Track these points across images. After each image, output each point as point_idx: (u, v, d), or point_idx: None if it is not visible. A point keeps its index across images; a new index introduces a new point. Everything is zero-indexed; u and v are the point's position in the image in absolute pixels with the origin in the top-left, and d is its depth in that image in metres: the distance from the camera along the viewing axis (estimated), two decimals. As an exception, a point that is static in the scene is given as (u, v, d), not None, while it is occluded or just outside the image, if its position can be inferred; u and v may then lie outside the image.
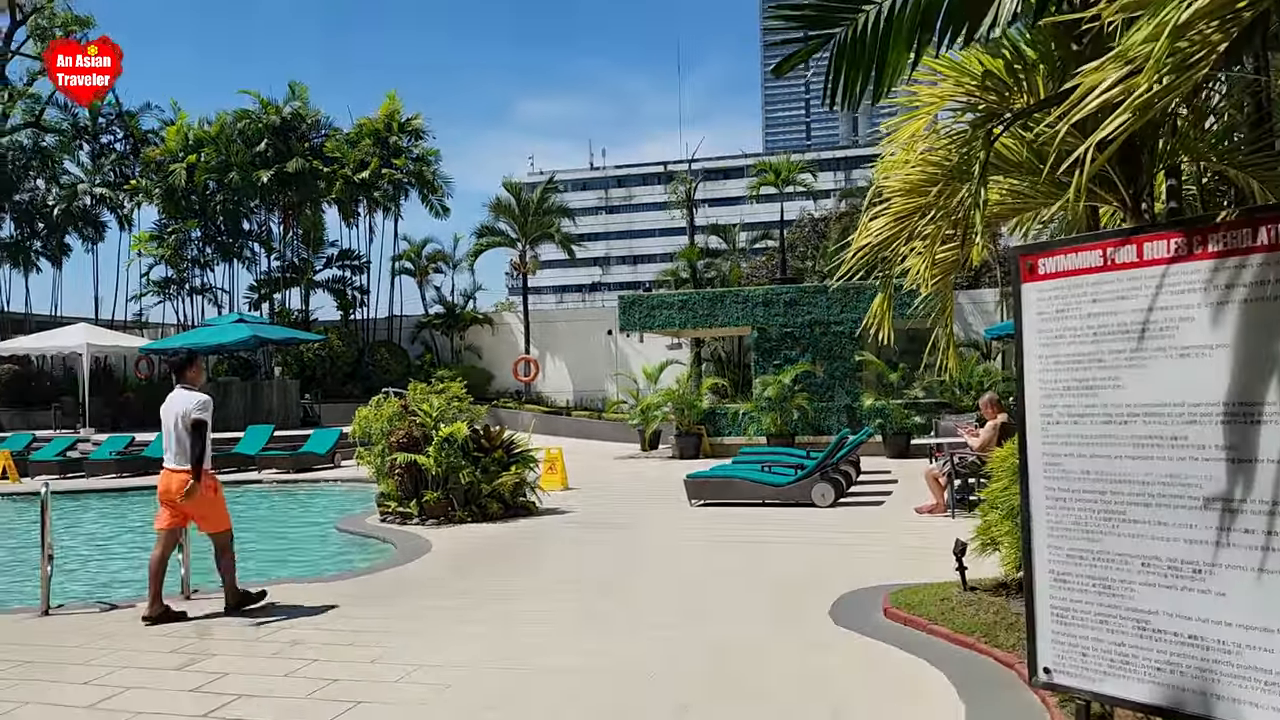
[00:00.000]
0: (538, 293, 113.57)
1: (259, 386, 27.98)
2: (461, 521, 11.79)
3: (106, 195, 34.79)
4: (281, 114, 31.53)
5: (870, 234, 4.93)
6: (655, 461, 20.27)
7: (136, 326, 35.39)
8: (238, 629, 6.76)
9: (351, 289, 33.24)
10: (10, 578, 10.08)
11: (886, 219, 4.90)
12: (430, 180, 32.46)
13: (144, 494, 17.43)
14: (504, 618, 6.95)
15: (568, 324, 32.65)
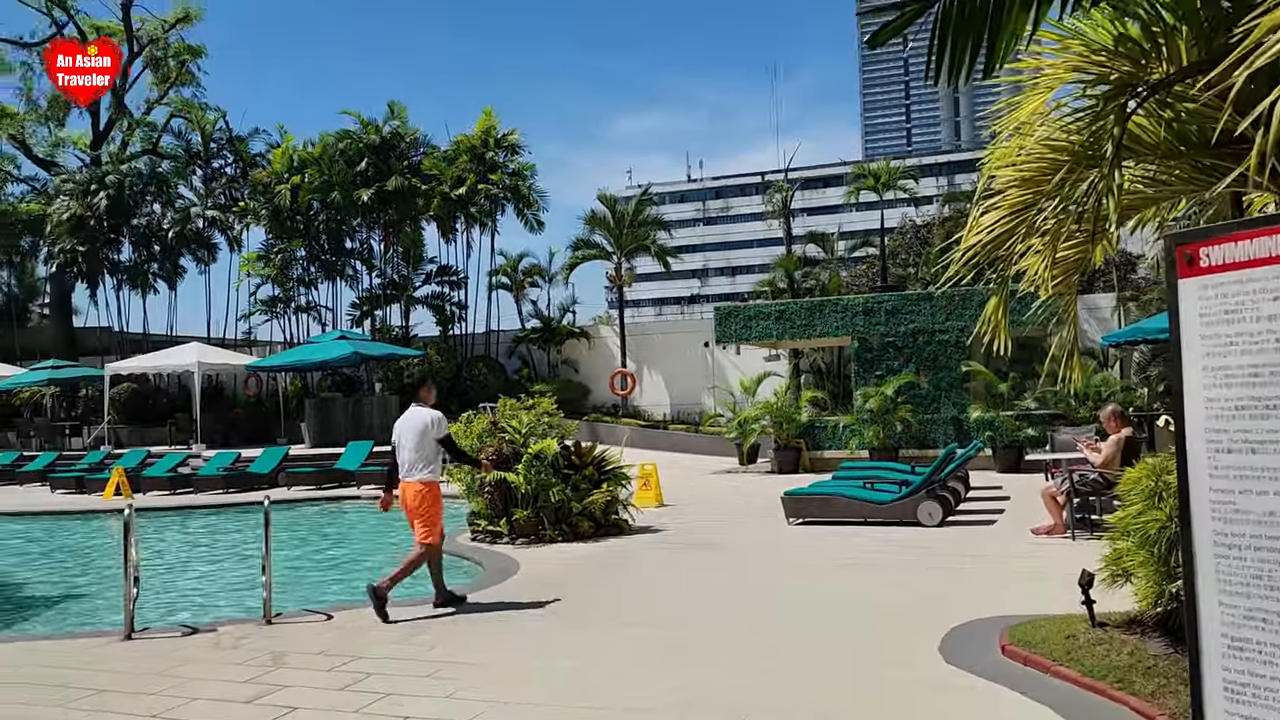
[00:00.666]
0: (636, 306, 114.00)
1: (361, 402, 28.38)
2: (552, 541, 11.48)
3: (218, 218, 35.96)
4: (381, 133, 32.09)
5: (981, 231, 4.37)
6: (753, 476, 19.69)
7: (245, 345, 36.46)
8: (312, 658, 6.53)
9: (450, 305, 33.56)
10: (108, 598, 10.14)
11: (1000, 214, 4.34)
12: (526, 195, 32.56)
13: (246, 510, 17.71)
14: (587, 648, 6.56)
15: (664, 336, 32.29)
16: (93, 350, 38.24)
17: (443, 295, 33.66)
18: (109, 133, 38.61)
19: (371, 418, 27.48)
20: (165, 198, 36.53)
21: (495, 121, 33.01)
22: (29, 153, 39.02)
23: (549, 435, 12.36)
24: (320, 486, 20.59)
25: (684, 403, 30.18)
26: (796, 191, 44.88)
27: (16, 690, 5.92)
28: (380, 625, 7.35)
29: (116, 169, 35.66)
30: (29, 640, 7.40)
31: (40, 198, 37.83)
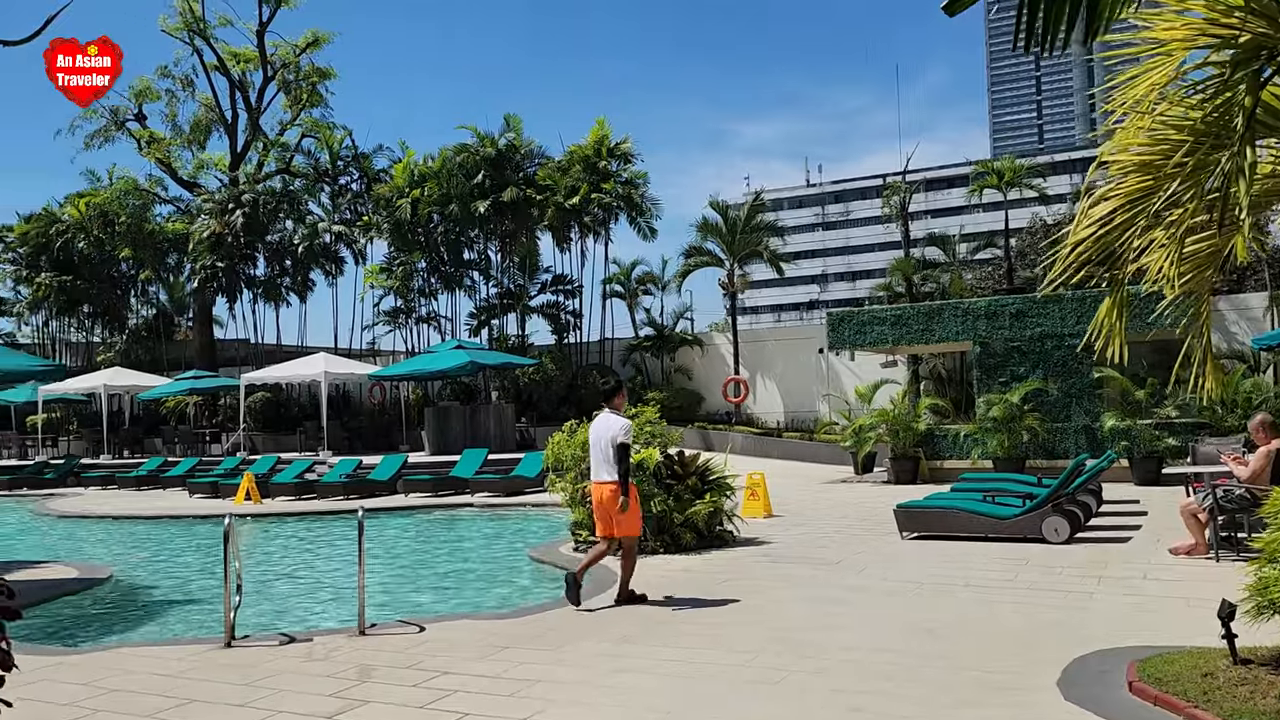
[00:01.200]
0: (754, 313, 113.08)
1: (477, 410, 28.80)
2: (654, 552, 11.24)
3: (344, 232, 37.20)
4: (497, 146, 32.59)
5: (1092, 224, 3.90)
6: (867, 486, 19.02)
7: (370, 355, 37.56)
8: (398, 672, 6.44)
9: (565, 313, 33.81)
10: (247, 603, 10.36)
11: (1115, 203, 3.86)
12: (638, 203, 32.53)
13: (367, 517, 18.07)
14: (677, 671, 6.27)
15: (777, 343, 31.71)
16: (231, 361, 40.11)
17: (558, 304, 33.94)
18: (245, 154, 40.42)
19: (488, 426, 27.86)
20: (296, 214, 38.01)
21: (608, 131, 33.13)
22: (174, 175, 41.21)
23: (651, 444, 12.13)
24: (436, 494, 20.91)
25: (798, 410, 29.56)
26: (920, 194, 43.60)
27: (110, 698, 6.02)
28: (466, 643, 7.23)
29: (252, 188, 37.31)
30: (134, 646, 7.57)
31: (184, 217, 39.88)
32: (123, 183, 39.52)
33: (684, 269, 31.97)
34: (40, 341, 45.00)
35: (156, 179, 41.40)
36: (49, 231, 39.90)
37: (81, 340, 44.57)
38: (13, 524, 19.95)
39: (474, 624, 7.90)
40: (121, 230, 38.92)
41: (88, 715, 5.68)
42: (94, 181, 40.83)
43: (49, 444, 36.87)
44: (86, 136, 39.59)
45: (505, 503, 19.04)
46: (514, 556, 12.56)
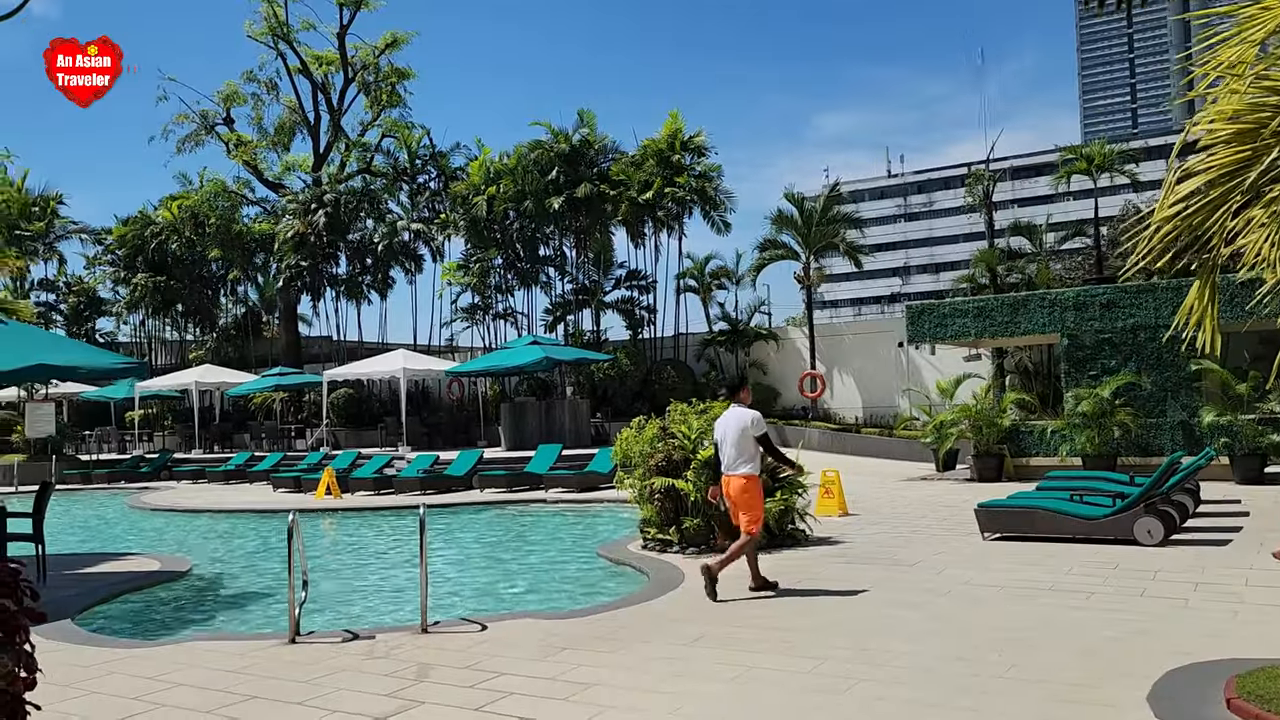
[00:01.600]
0: (833, 306, 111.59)
1: (552, 406, 28.88)
2: (723, 550, 10.99)
3: (422, 230, 37.71)
4: (571, 142, 32.62)
5: (1178, 201, 3.56)
6: (949, 484, 18.46)
7: (448, 351, 38.02)
8: (456, 672, 6.35)
9: (639, 308, 33.70)
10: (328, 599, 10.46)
11: (1206, 178, 3.51)
12: (712, 196, 32.24)
13: (440, 512, 18.22)
14: (739, 676, 6.05)
15: (855, 337, 31.11)
16: (315, 358, 41.05)
17: (632, 299, 33.84)
18: (328, 155, 41.27)
19: (563, 421, 27.91)
20: (376, 213, 38.67)
21: (681, 124, 32.87)
22: (260, 177, 42.30)
23: (721, 441, 11.89)
24: (511, 489, 20.98)
25: (876, 405, 28.93)
26: (1005, 182, 42.30)
27: (174, 693, 6.05)
28: (526, 643, 7.12)
29: (334, 188, 38.07)
30: (204, 640, 7.65)
31: (270, 218, 40.89)
32: (212, 185, 40.69)
33: (758, 262, 31.57)
34: (137, 340, 46.67)
35: (244, 181, 42.56)
36: (144, 234, 41.34)
37: (175, 339, 46.10)
38: (109, 516, 20.63)
39: (536, 623, 7.79)
40: (211, 231, 40.10)
41: (150, 710, 5.71)
42: (185, 185, 42.16)
43: (145, 439, 38.21)
44: (178, 141, 40.94)
45: (579, 498, 18.99)
46: (583, 554, 12.45)
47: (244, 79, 40.73)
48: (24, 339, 9.94)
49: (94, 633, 8.02)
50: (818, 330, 30.81)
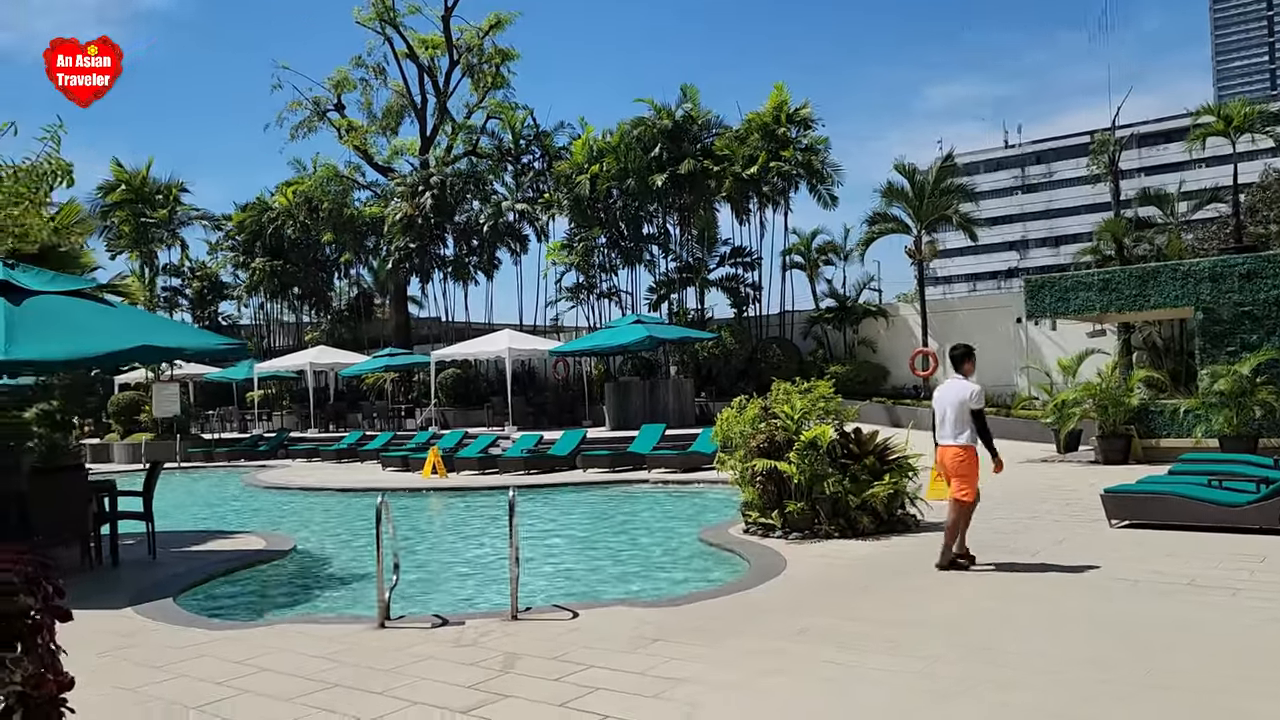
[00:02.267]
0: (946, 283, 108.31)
1: (656, 385, 28.64)
2: (827, 536, 10.54)
3: (526, 210, 37.84)
4: (674, 118, 32.13)
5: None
6: (1071, 466, 17.46)
7: (553, 331, 38.14)
8: (543, 663, 6.10)
9: (744, 286, 33.06)
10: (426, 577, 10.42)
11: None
12: (819, 170, 31.31)
13: (544, 492, 18.18)
14: (839, 676, 5.63)
15: (970, 313, 29.84)
16: (425, 339, 41.75)
17: (736, 277, 33.24)
18: (434, 137, 41.79)
19: (666, 401, 27.64)
20: (481, 195, 38.98)
21: (787, 96, 32.01)
22: (370, 161, 43.14)
23: (825, 421, 11.41)
24: (613, 469, 20.83)
25: (992, 384, 27.67)
26: (1131, 150, 39.98)
27: (259, 678, 5.97)
28: (617, 633, 6.83)
29: (440, 170, 38.52)
30: (296, 623, 7.62)
31: (379, 201, 41.68)
32: (324, 170, 41.67)
33: (867, 236, 30.54)
34: (257, 322, 48.37)
35: (355, 165, 43.46)
36: (261, 219, 42.68)
37: (292, 321, 47.57)
38: (226, 494, 21.34)
39: (630, 612, 7.51)
40: (324, 216, 41.11)
41: (234, 695, 5.64)
42: (300, 171, 43.30)
43: (264, 418, 39.57)
44: (292, 128, 42.00)
45: (681, 479, 18.69)
46: (683, 537, 12.13)
47: (353, 64, 41.51)
48: (132, 321, 10.14)
49: (194, 613, 8.09)
50: (930, 306, 29.69)
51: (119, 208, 40.90)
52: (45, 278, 10.18)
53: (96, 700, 5.63)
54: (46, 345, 8.91)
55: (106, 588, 9.09)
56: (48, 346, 8.92)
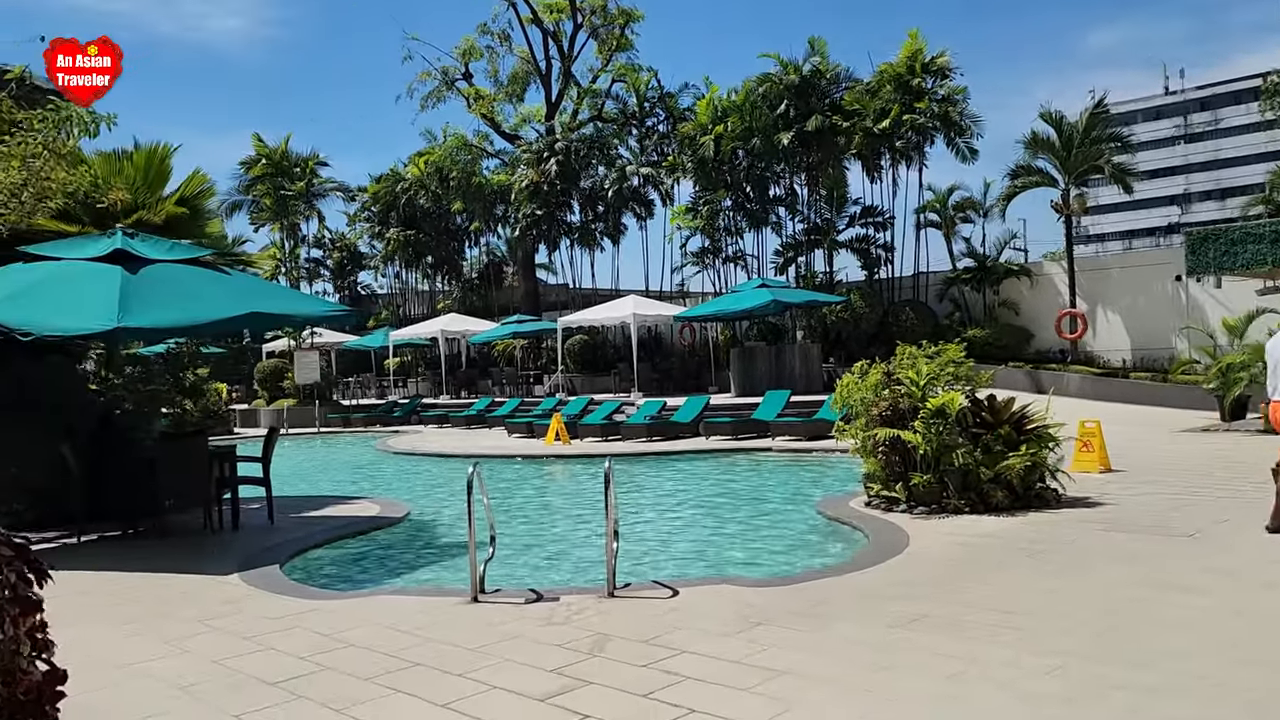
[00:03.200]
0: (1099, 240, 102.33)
1: (782, 351, 27.90)
2: (957, 511, 9.79)
3: (650, 174, 37.37)
4: (800, 72, 30.97)
5: None
6: (1237, 436, 15.96)
7: (679, 296, 37.69)
8: (633, 647, 5.71)
9: (875, 247, 31.75)
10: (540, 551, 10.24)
11: None
12: (957, 121, 29.61)
13: (664, 460, 17.85)
14: (957, 672, 5.03)
15: (1123, 271, 27.82)
16: (553, 306, 41.98)
17: (867, 237, 31.95)
18: (560, 103, 41.73)
19: (793, 366, 26.90)
20: (606, 159, 38.70)
21: (922, 45, 30.35)
22: (498, 129, 43.46)
23: (955, 387, 10.60)
24: (736, 436, 20.34)
25: (1148, 347, 25.81)
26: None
27: (341, 654, 5.79)
28: (717, 614, 6.37)
29: (566, 136, 38.43)
30: (390, 595, 7.46)
31: (507, 169, 41.97)
32: (453, 140, 42.18)
33: (1009, 191, 28.77)
34: (392, 291, 49.69)
35: (483, 134, 43.85)
36: (394, 190, 43.64)
37: (426, 289, 48.65)
38: (356, 459, 21.87)
39: (733, 591, 7.04)
40: (454, 185, 41.68)
41: (314, 672, 5.46)
42: (430, 141, 43.99)
43: (400, 384, 40.66)
44: (422, 98, 42.63)
45: (806, 447, 18.05)
46: (802, 509, 11.56)
47: (479, 32, 41.73)
48: (244, 289, 10.23)
49: (296, 581, 8.05)
50: (1078, 264, 27.83)
51: (260, 181, 42.48)
52: (163, 247, 10.36)
53: (178, 671, 5.55)
54: (158, 313, 9.03)
55: (222, 553, 9.21)
56: (159, 314, 9.04)
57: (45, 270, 9.68)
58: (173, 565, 8.58)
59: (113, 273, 9.33)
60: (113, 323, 8.40)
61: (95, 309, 8.61)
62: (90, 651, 5.95)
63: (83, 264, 9.61)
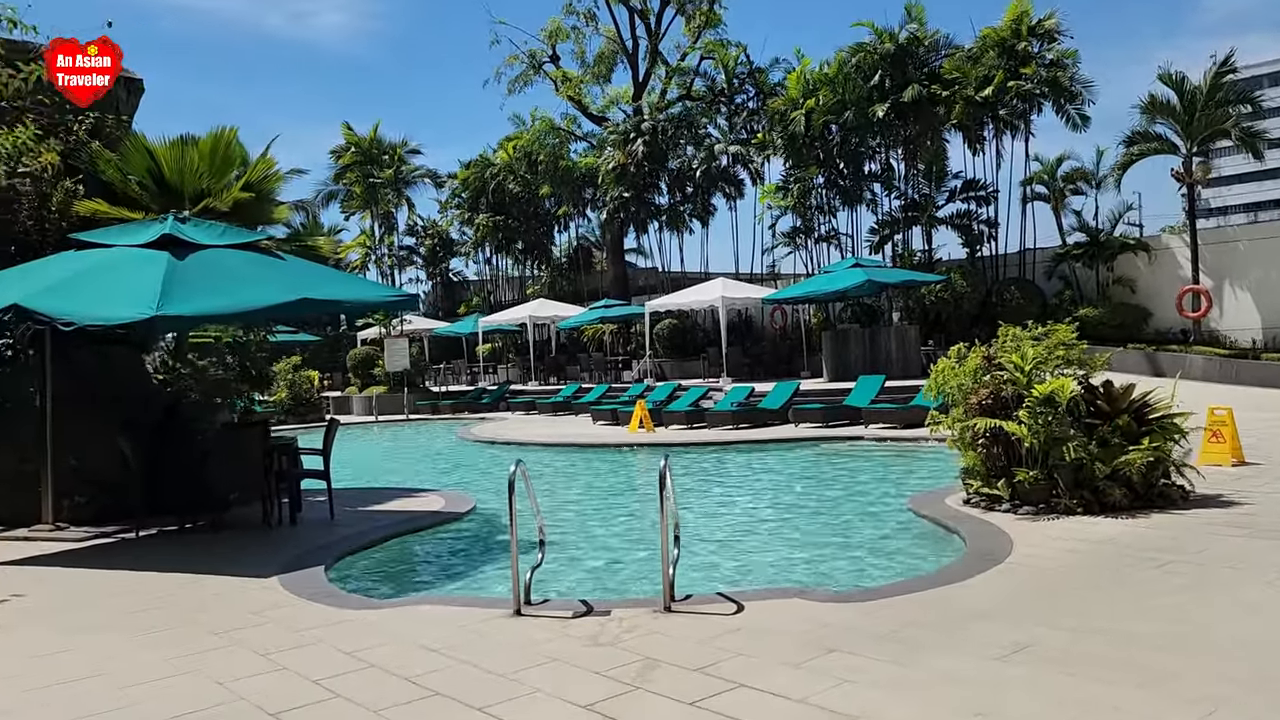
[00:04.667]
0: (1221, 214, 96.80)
1: (877, 334, 26.64)
2: (1068, 512, 8.73)
3: (739, 152, 36.28)
4: (897, 40, 29.46)
5: None
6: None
7: (770, 279, 36.57)
8: (683, 675, 4.94)
9: (977, 222, 30.08)
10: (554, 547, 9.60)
11: None
12: (1066, 87, 27.71)
13: (749, 449, 17.00)
14: (1062, 712, 4.12)
15: (1252, 244, 25.64)
16: (642, 290, 41.32)
17: (968, 213, 30.29)
18: (647, 82, 40.90)
19: (888, 350, 25.66)
20: (694, 139, 37.74)
21: (1028, 7, 28.52)
22: (585, 111, 42.88)
23: (1065, 372, 9.50)
24: (827, 424, 19.36)
25: (1277, 325, 23.75)
26: None
27: (359, 677, 5.18)
28: (785, 636, 5.55)
29: (654, 116, 37.57)
30: (428, 604, 6.83)
31: (595, 152, 41.39)
32: (541, 123, 41.79)
33: (1124, 159, 26.82)
34: (483, 278, 49.73)
35: (571, 117, 43.37)
36: (484, 175, 43.51)
37: (517, 275, 48.54)
38: (436, 447, 21.62)
39: (806, 607, 6.21)
40: (542, 169, 41.29)
41: (321, 700, 4.86)
42: (519, 125, 43.69)
43: (490, 371, 40.59)
44: (509, 82, 42.33)
45: (901, 435, 16.99)
46: (892, 506, 10.61)
47: (565, 12, 41.15)
48: (298, 274, 9.76)
49: (336, 585, 7.52)
50: (1202, 238, 25.79)
51: (349, 170, 42.82)
52: (215, 231, 9.98)
53: (179, 691, 5.03)
54: (203, 300, 8.62)
55: (272, 551, 8.76)
56: (204, 301, 8.62)
57: (94, 258, 9.38)
58: (216, 565, 8.16)
59: (159, 259, 8.95)
60: (151, 310, 7.99)
61: (135, 297, 8.22)
62: (95, 664, 5.51)
63: (131, 250, 9.27)
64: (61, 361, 10.71)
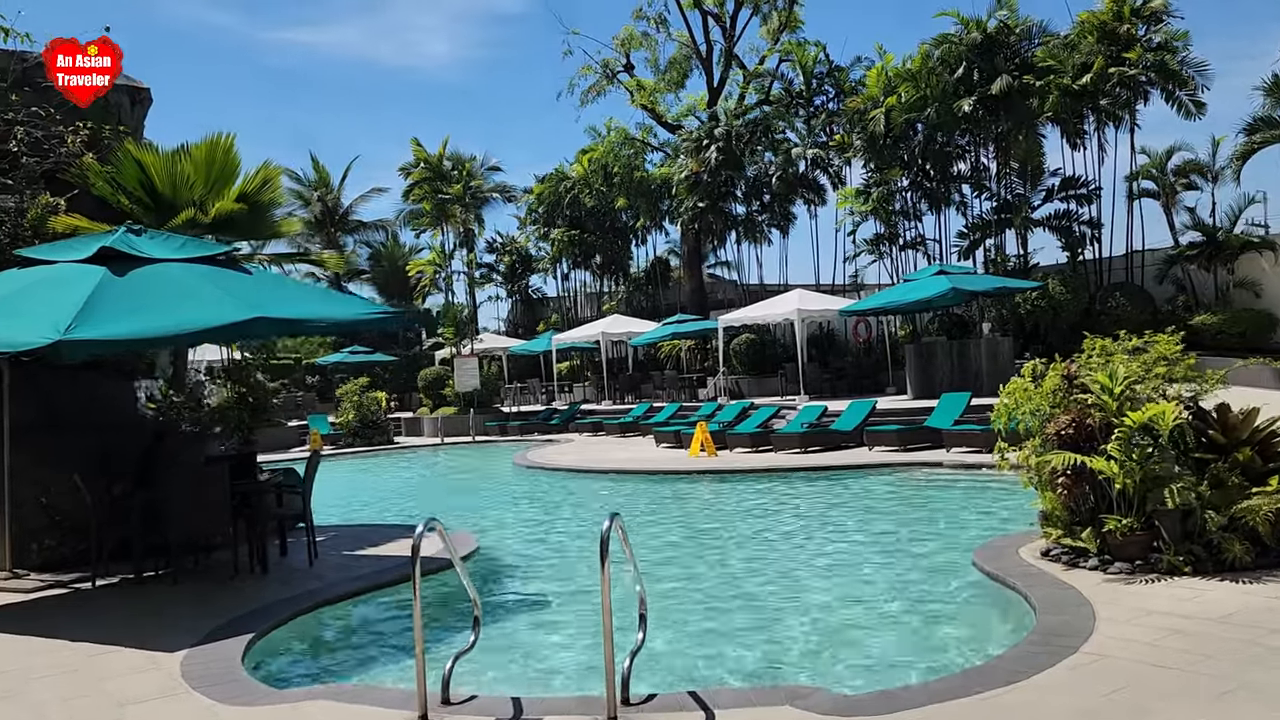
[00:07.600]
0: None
1: (965, 346, 24.48)
2: (1173, 571, 6.90)
3: (819, 156, 34.42)
4: (984, 29, 27.29)
5: None
6: None
7: (852, 289, 34.57)
8: None
9: (1078, 224, 27.56)
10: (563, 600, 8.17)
11: None
12: (1176, 71, 25.14)
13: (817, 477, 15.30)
14: None
15: (1405, 237, 22.75)
16: (720, 304, 39.68)
17: (1068, 213, 27.78)
18: (723, 87, 39.39)
19: (978, 364, 23.46)
20: (771, 144, 36.04)
21: (1130, -14, 26.08)
22: (660, 120, 41.57)
23: (1169, 394, 7.65)
24: (904, 447, 17.53)
25: None
26: None
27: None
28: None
29: (730, 122, 36.01)
30: (322, 700, 5.43)
31: (669, 161, 40.04)
32: (616, 134, 40.65)
33: (1244, 149, 24.10)
34: (561, 294, 48.78)
35: (646, 127, 42.16)
36: (559, 189, 42.56)
37: (595, 290, 47.44)
38: (485, 474, 20.47)
39: (798, 717, 4.62)
40: (617, 181, 40.12)
41: None
42: (594, 137, 42.67)
43: (565, 390, 39.47)
44: (582, 93, 41.33)
45: (986, 461, 15.00)
46: (956, 556, 8.83)
47: (634, 18, 39.96)
48: (258, 290, 8.60)
49: (246, 670, 6.11)
50: (1339, 233, 22.97)
51: (418, 186, 42.40)
52: (174, 244, 8.93)
53: None
54: (128, 322, 7.49)
55: (209, 612, 7.52)
56: (128, 323, 7.49)
57: (33, 276, 8.41)
58: (129, 632, 6.98)
59: (91, 275, 7.90)
60: (55, 335, 6.89)
61: (44, 320, 7.15)
62: None
63: (67, 267, 8.26)
64: (28, 389, 9.81)
